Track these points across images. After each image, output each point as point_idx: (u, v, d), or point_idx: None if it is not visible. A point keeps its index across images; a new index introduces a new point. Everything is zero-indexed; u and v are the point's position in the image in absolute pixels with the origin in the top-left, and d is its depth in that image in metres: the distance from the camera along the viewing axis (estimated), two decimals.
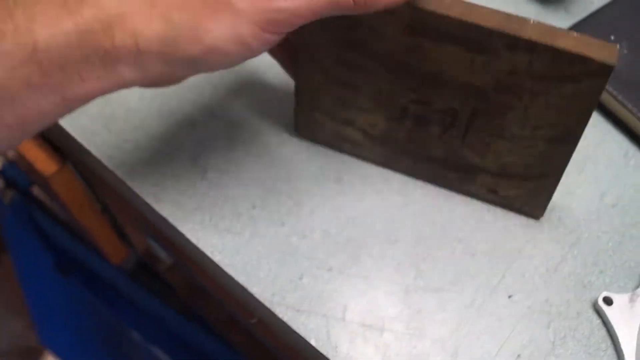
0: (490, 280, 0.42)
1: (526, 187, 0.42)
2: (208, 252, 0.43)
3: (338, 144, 0.46)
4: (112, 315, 0.88)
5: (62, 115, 0.32)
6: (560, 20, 0.56)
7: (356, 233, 0.44)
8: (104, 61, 0.31)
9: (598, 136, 0.49)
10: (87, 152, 0.47)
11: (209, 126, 0.48)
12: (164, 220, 0.44)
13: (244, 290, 0.42)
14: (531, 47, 0.34)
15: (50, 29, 0.29)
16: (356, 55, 0.39)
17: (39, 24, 0.29)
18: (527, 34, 0.34)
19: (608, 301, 0.41)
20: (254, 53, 0.34)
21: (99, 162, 0.47)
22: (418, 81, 0.39)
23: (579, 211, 0.45)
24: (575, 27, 0.53)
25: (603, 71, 0.34)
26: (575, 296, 0.42)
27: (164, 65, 0.32)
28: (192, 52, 0.32)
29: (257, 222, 0.44)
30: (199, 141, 0.47)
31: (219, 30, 0.32)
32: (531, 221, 0.45)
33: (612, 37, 0.52)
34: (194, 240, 0.43)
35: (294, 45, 0.41)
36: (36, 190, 0.92)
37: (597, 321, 0.41)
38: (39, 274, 0.91)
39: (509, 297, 0.42)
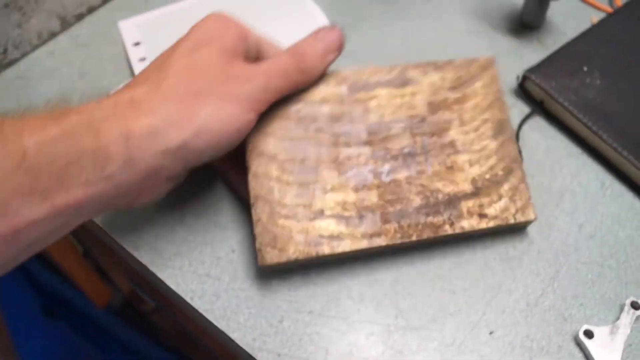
0: (470, 316, 0.42)
1: (504, 192, 0.43)
2: (188, 297, 0.42)
3: (314, 250, 0.40)
4: (101, 358, 0.87)
5: (54, 230, 0.33)
6: (534, 51, 0.56)
7: (335, 274, 0.43)
8: (93, 162, 0.32)
9: (574, 167, 0.50)
10: None
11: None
12: (143, 266, 0.44)
13: (224, 335, 0.41)
14: (437, 67, 0.46)
15: (38, 136, 0.30)
16: (305, 130, 0.43)
17: (27, 133, 0.30)
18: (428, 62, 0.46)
19: (589, 334, 0.41)
20: (240, 133, 0.37)
21: None
22: (369, 133, 0.44)
23: (557, 243, 0.46)
24: (549, 58, 0.54)
25: (489, 63, 0.47)
26: (556, 330, 0.42)
27: (155, 158, 0.34)
28: (183, 135, 0.34)
29: (236, 265, 0.44)
30: (177, 186, 0.47)
31: (206, 112, 0.35)
32: (510, 255, 0.45)
33: (585, 68, 0.53)
34: (173, 286, 0.43)
35: (242, 153, 0.41)
36: None
37: (578, 355, 0.41)
38: (27, 317, 0.90)
39: (490, 333, 0.42)
